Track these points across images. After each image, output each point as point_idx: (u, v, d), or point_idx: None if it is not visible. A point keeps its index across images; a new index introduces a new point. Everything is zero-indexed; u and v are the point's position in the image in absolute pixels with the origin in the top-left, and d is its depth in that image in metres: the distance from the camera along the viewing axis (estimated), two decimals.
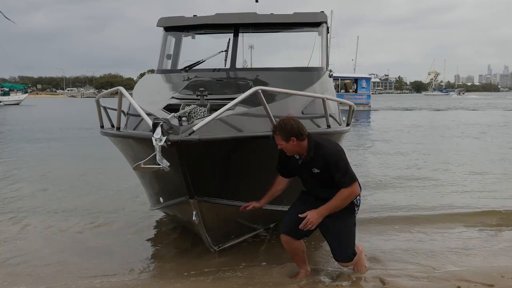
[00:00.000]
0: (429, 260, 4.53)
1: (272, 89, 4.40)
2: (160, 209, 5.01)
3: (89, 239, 5.36)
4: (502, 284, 3.81)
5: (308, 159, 3.76)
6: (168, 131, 3.36)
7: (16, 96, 59.97)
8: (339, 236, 3.83)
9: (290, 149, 3.73)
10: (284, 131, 3.66)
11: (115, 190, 7.89)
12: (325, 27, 6.46)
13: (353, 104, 6.37)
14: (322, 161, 3.71)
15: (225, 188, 4.14)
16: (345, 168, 3.71)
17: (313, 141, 3.76)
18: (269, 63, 7.12)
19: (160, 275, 4.31)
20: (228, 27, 6.35)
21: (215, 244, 4.40)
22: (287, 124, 3.66)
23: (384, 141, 15.34)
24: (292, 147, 3.70)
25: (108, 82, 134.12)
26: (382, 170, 9.68)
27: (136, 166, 3.48)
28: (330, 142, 3.88)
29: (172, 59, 6.65)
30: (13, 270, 4.47)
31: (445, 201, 6.91)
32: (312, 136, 3.79)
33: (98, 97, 5.47)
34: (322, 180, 3.77)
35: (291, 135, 3.65)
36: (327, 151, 3.72)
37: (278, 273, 4.15)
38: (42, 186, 8.38)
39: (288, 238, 3.91)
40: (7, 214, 6.43)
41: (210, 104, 4.15)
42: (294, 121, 3.70)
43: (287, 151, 3.74)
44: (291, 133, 3.65)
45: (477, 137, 16.40)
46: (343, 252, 3.85)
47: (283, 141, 3.68)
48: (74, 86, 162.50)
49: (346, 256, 3.85)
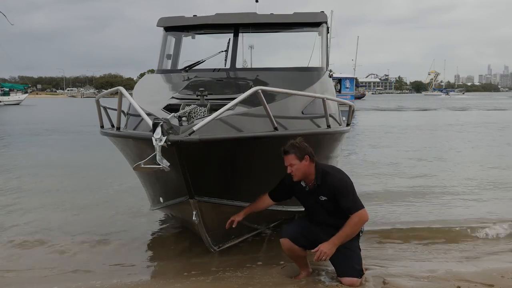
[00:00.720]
0: (429, 260, 4.53)
1: (272, 89, 4.40)
2: (160, 209, 5.01)
3: (88, 239, 5.36)
4: (502, 284, 3.81)
5: (315, 186, 3.77)
6: (168, 131, 3.36)
7: (16, 96, 59.98)
8: (347, 255, 3.77)
9: (301, 171, 3.71)
10: (298, 149, 3.69)
11: (115, 190, 7.90)
12: (325, 27, 6.46)
13: (353, 104, 6.37)
14: (329, 189, 3.72)
15: (225, 188, 4.14)
16: (352, 196, 3.72)
17: (320, 168, 3.79)
18: (269, 63, 7.12)
19: (160, 275, 4.31)
20: (228, 27, 6.35)
21: (215, 244, 4.40)
22: (300, 143, 3.71)
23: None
24: (304, 167, 3.71)
25: (108, 82, 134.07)
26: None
27: (136, 166, 3.48)
28: (335, 170, 3.90)
29: (172, 59, 6.65)
30: (12, 270, 4.46)
31: (446, 203, 6.92)
32: (318, 163, 3.81)
33: (98, 97, 5.47)
34: (330, 208, 3.76)
35: (305, 153, 3.68)
36: (334, 180, 3.74)
37: (278, 273, 4.15)
38: (42, 186, 8.38)
39: (290, 243, 3.90)
40: (7, 214, 6.43)
41: (210, 104, 4.15)
42: (304, 142, 3.74)
43: (298, 173, 3.71)
44: (305, 151, 3.69)
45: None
46: (352, 268, 3.76)
47: (297, 159, 3.68)
48: (74, 86, 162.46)
49: (355, 271, 3.76)
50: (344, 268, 3.78)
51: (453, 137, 16.82)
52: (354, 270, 3.76)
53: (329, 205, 3.76)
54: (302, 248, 3.94)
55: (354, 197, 3.72)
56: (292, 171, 3.73)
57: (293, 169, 3.71)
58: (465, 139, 16.09)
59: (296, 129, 4.50)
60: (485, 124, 23.46)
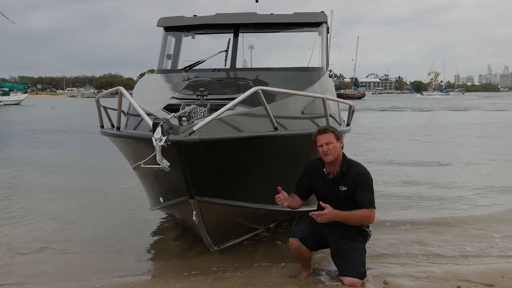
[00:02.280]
0: (430, 260, 4.53)
1: (272, 89, 4.40)
2: (160, 209, 5.00)
3: (88, 239, 5.36)
4: (502, 284, 3.81)
5: (339, 174, 3.80)
6: (168, 131, 3.36)
7: (16, 96, 59.99)
8: (351, 256, 3.78)
9: (337, 151, 3.78)
10: (337, 131, 3.84)
11: (115, 190, 7.90)
12: (325, 27, 6.46)
13: (353, 104, 6.37)
14: (352, 179, 3.75)
15: (225, 188, 4.14)
16: (371, 193, 3.77)
17: (346, 157, 3.87)
18: (269, 63, 7.12)
19: (160, 275, 4.31)
20: (228, 27, 6.35)
21: (215, 244, 4.40)
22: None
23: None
24: (339, 149, 3.79)
25: (108, 82, 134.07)
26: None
27: (136, 166, 3.48)
28: (360, 164, 3.94)
29: (172, 59, 6.65)
30: (13, 270, 4.47)
31: (447, 202, 6.92)
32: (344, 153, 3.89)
33: (98, 97, 5.47)
34: (346, 199, 3.77)
35: (340, 136, 3.82)
36: (360, 170, 3.80)
37: (278, 273, 4.15)
38: (42, 186, 8.39)
39: (299, 243, 3.90)
40: (7, 214, 6.44)
41: (210, 104, 4.15)
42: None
43: (334, 152, 3.75)
44: (340, 135, 3.83)
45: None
46: (355, 269, 3.76)
47: (335, 138, 3.77)
48: (74, 86, 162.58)
49: (357, 272, 3.75)
50: (347, 268, 3.78)
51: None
52: (357, 271, 3.76)
53: (346, 197, 3.77)
54: (309, 249, 3.95)
55: (372, 194, 3.77)
56: (328, 149, 3.74)
57: (330, 147, 3.74)
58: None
59: (296, 129, 4.50)
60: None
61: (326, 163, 3.84)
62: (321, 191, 3.93)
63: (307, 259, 4.02)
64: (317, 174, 3.92)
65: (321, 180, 3.90)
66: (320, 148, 3.79)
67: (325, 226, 3.87)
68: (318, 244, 3.96)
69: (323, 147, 3.77)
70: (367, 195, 3.73)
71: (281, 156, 4.19)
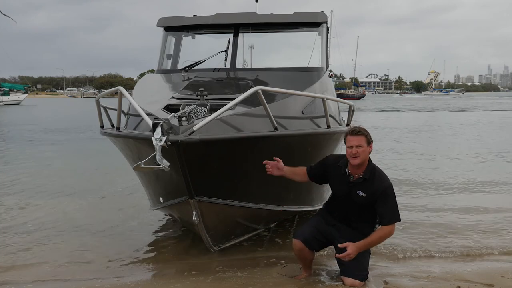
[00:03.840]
0: (430, 260, 4.53)
1: (272, 89, 4.40)
2: (160, 209, 5.00)
3: (88, 239, 5.36)
4: (502, 284, 3.81)
5: (360, 179, 3.72)
6: (168, 131, 3.36)
7: (16, 96, 59.94)
8: (356, 257, 3.73)
9: (366, 155, 3.70)
10: (369, 135, 3.74)
11: (115, 190, 7.90)
12: (325, 27, 6.46)
13: (353, 104, 6.37)
14: (373, 187, 3.66)
15: (225, 188, 4.13)
16: (394, 204, 3.69)
17: (372, 164, 3.78)
18: (269, 63, 7.11)
19: (160, 275, 4.31)
20: (228, 27, 6.35)
21: (215, 244, 4.40)
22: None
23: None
24: (367, 154, 3.71)
25: (108, 82, 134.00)
26: None
27: (136, 166, 3.48)
28: (384, 173, 3.83)
29: (172, 59, 6.65)
30: (12, 270, 4.47)
31: (447, 200, 6.92)
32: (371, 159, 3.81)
33: (98, 97, 5.47)
34: (362, 206, 3.72)
35: (372, 140, 3.74)
36: (382, 179, 3.72)
37: (278, 273, 4.15)
38: (42, 186, 8.38)
39: (302, 245, 3.88)
40: (6, 213, 6.44)
41: (210, 104, 4.15)
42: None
43: (363, 155, 3.67)
44: (372, 139, 3.75)
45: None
46: (357, 270, 3.75)
47: (366, 143, 3.69)
48: (74, 86, 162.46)
49: (361, 274, 3.75)
50: (350, 269, 3.75)
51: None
52: (360, 274, 3.74)
53: (362, 204, 3.71)
54: (312, 251, 3.94)
55: (393, 208, 3.68)
56: (357, 152, 3.65)
57: (360, 150, 3.65)
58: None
59: (296, 129, 4.51)
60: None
61: (351, 165, 3.76)
62: (339, 190, 3.87)
63: (309, 260, 4.01)
64: (339, 172, 3.83)
65: (341, 179, 3.82)
66: (350, 150, 3.69)
67: (335, 230, 3.85)
68: (322, 245, 3.96)
69: (352, 149, 3.67)
70: (389, 210, 3.65)
71: (281, 156, 4.18)
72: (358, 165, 3.70)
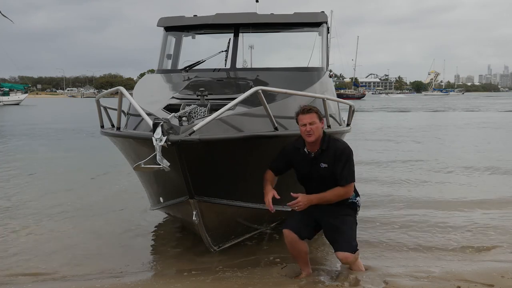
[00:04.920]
0: (429, 260, 4.53)
1: (272, 89, 4.41)
2: (160, 209, 5.01)
3: (89, 240, 5.36)
4: (502, 284, 3.81)
5: (319, 152, 3.83)
6: (168, 131, 3.36)
7: (16, 96, 59.96)
8: (343, 229, 3.85)
9: (319, 131, 3.80)
10: (319, 111, 3.86)
11: (115, 190, 7.91)
12: (325, 27, 6.46)
13: (353, 104, 6.37)
14: (332, 154, 3.79)
15: (225, 188, 4.14)
16: (350, 166, 3.82)
17: (327, 135, 3.91)
18: (269, 63, 7.11)
19: (160, 275, 4.31)
20: (228, 27, 6.35)
21: (215, 244, 4.40)
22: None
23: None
24: (321, 129, 3.82)
25: (108, 82, 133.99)
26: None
27: (136, 166, 3.48)
28: (342, 140, 4.01)
29: (172, 59, 6.65)
30: (11, 270, 4.47)
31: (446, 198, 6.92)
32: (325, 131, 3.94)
33: (98, 97, 5.48)
34: (327, 176, 3.82)
35: (322, 116, 3.87)
36: (339, 145, 3.86)
37: (278, 273, 4.15)
38: (42, 186, 8.38)
39: (292, 235, 3.91)
40: (6, 213, 6.44)
41: (210, 104, 4.15)
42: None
43: (316, 132, 3.78)
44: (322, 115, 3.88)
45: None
46: (347, 243, 3.82)
47: (317, 119, 3.79)
48: (74, 86, 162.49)
49: (350, 246, 3.82)
50: (339, 244, 3.85)
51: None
52: (349, 246, 3.82)
53: (326, 174, 3.82)
54: (303, 240, 3.96)
55: (351, 168, 3.81)
56: (311, 129, 3.76)
57: (313, 127, 3.76)
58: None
59: (296, 129, 4.50)
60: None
61: (308, 142, 3.85)
62: (303, 171, 3.96)
63: (304, 253, 4.01)
64: (298, 154, 3.94)
65: (303, 160, 3.92)
66: (303, 128, 3.80)
67: (317, 211, 3.89)
68: (313, 230, 4.00)
69: (306, 127, 3.78)
70: (345, 170, 3.78)
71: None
72: (314, 141, 3.81)
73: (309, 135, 3.78)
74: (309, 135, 3.78)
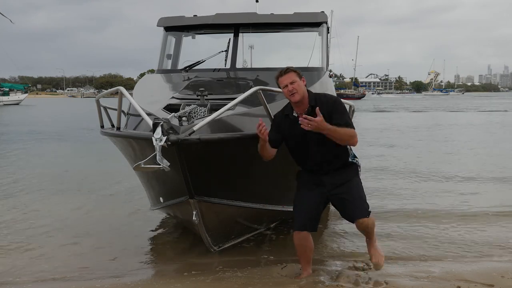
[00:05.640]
0: (429, 260, 4.53)
1: (273, 89, 4.40)
2: (160, 209, 5.01)
3: (88, 239, 5.36)
4: (502, 284, 3.81)
5: (309, 109, 3.68)
6: (168, 131, 3.36)
7: (16, 96, 59.98)
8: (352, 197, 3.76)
9: (302, 89, 3.69)
10: (298, 70, 3.76)
11: (115, 190, 7.90)
12: (325, 27, 6.46)
13: (353, 104, 6.37)
14: (325, 107, 3.63)
15: (225, 188, 4.14)
16: (348, 115, 3.75)
17: (312, 92, 3.82)
18: (269, 63, 7.11)
19: (160, 275, 4.31)
20: (228, 27, 6.35)
21: (215, 244, 4.40)
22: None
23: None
24: (303, 87, 3.70)
25: (108, 82, 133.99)
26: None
27: (136, 166, 3.48)
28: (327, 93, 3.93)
29: (172, 59, 6.65)
30: (12, 270, 4.47)
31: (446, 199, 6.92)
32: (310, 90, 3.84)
33: (98, 97, 5.48)
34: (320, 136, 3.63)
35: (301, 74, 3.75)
36: (329, 96, 3.80)
37: (278, 273, 4.15)
38: (42, 187, 8.38)
39: (304, 234, 3.87)
40: (6, 213, 6.44)
41: (210, 104, 4.15)
42: None
43: (299, 89, 3.66)
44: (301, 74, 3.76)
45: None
46: (360, 207, 3.75)
47: (297, 77, 3.70)
48: (74, 86, 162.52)
49: (364, 210, 3.76)
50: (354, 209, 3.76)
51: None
52: (365, 210, 3.77)
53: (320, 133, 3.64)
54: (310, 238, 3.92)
55: (348, 117, 3.76)
56: (293, 88, 3.65)
57: (295, 85, 3.65)
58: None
59: None
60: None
61: (295, 104, 3.74)
62: (296, 137, 3.78)
63: (309, 250, 3.96)
64: (288, 120, 3.80)
65: (293, 124, 3.72)
66: (285, 89, 3.70)
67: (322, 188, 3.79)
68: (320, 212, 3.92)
69: (288, 87, 3.67)
70: (344, 117, 3.68)
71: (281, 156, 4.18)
72: (300, 100, 3.69)
73: (293, 95, 3.66)
74: (293, 94, 3.66)
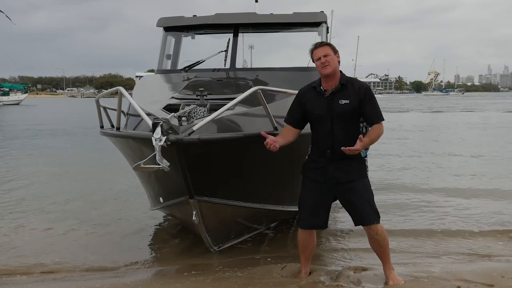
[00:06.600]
0: (430, 260, 4.53)
1: (272, 89, 4.41)
2: (160, 209, 5.01)
3: (89, 240, 5.36)
4: (502, 284, 3.81)
5: (338, 87, 3.66)
6: (168, 131, 3.37)
7: (16, 96, 60.02)
8: (361, 202, 3.69)
9: (335, 63, 3.67)
10: (333, 45, 3.76)
11: (115, 190, 7.90)
12: (325, 27, 6.46)
13: None
14: (356, 91, 3.63)
15: (225, 188, 4.14)
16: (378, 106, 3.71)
17: (344, 74, 3.78)
18: (269, 63, 7.11)
19: (160, 275, 4.31)
20: (228, 27, 6.35)
21: (215, 244, 4.40)
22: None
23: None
24: (336, 62, 3.69)
25: (108, 82, 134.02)
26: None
27: (136, 166, 3.48)
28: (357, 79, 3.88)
29: (172, 59, 6.65)
30: (12, 268, 4.47)
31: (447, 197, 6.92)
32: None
33: (98, 97, 5.48)
34: (346, 115, 3.62)
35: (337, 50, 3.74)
36: (362, 83, 3.75)
37: (278, 273, 4.15)
38: (43, 186, 8.38)
39: (309, 231, 3.86)
40: (6, 214, 6.44)
41: (210, 104, 4.15)
42: None
43: (332, 63, 3.64)
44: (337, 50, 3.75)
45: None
46: (371, 213, 3.71)
47: (332, 51, 3.68)
48: (74, 86, 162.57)
49: (374, 217, 3.71)
50: (364, 218, 3.72)
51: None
52: (372, 216, 3.71)
53: (346, 112, 3.61)
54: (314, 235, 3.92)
55: (378, 106, 3.71)
56: (326, 61, 3.63)
57: (328, 58, 3.64)
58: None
59: None
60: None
61: (324, 78, 3.71)
62: (318, 110, 3.71)
63: (312, 247, 3.96)
64: (314, 92, 3.77)
65: (318, 98, 3.72)
66: (318, 61, 3.67)
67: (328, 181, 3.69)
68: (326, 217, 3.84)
69: (321, 59, 3.66)
70: (376, 109, 3.66)
71: (281, 156, 4.19)
72: (330, 74, 3.66)
73: (325, 67, 3.63)
74: (325, 66, 3.63)
